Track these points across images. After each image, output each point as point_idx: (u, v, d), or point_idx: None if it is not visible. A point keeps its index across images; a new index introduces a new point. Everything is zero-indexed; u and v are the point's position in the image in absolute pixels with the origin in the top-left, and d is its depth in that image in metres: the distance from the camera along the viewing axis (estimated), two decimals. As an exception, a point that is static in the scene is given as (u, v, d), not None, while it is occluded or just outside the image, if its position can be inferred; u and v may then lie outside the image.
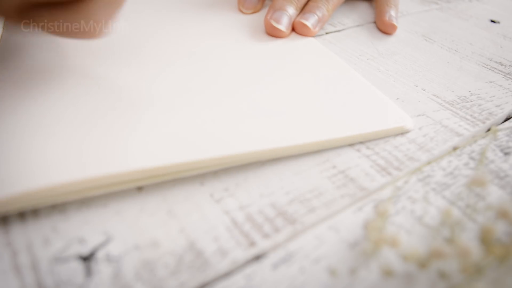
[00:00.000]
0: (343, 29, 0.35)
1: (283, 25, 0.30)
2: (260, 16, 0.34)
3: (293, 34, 0.31)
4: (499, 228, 0.17)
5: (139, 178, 0.17)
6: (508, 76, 0.30)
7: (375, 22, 0.37)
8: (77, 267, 0.14)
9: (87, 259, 0.14)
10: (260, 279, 0.15)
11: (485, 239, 0.15)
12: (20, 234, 0.15)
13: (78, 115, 0.20)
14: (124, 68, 0.24)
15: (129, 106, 0.21)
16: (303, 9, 0.33)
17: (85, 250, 0.15)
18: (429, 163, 0.21)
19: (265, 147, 0.19)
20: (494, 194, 0.19)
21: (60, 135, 0.18)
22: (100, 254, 0.15)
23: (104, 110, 0.20)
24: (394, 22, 0.35)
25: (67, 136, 0.18)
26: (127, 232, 0.16)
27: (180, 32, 0.29)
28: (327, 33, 0.34)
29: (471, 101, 0.26)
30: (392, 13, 0.36)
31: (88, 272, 0.14)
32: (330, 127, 0.21)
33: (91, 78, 0.22)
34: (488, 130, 0.24)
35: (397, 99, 0.26)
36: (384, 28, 0.35)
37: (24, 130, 0.18)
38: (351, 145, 0.21)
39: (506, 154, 0.22)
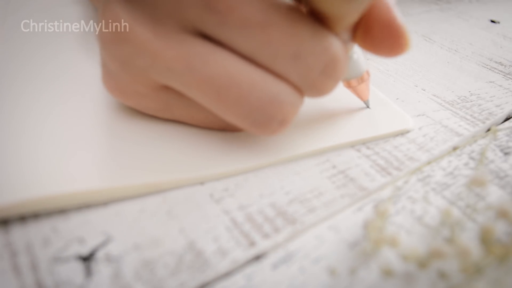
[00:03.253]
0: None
1: None
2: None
3: None
4: (499, 228, 0.17)
5: (140, 192, 0.17)
6: (508, 76, 0.30)
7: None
8: (77, 267, 0.14)
9: (87, 259, 0.14)
10: (260, 279, 0.15)
11: (485, 239, 0.15)
12: (19, 234, 0.15)
13: (87, 122, 0.19)
14: None
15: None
16: None
17: (85, 250, 0.15)
18: (429, 163, 0.21)
19: (271, 159, 0.19)
20: (494, 194, 0.19)
21: (66, 144, 0.18)
22: (100, 254, 0.15)
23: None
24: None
25: (73, 144, 0.18)
26: (127, 232, 0.16)
27: None
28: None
29: (471, 101, 0.26)
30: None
31: (88, 272, 0.14)
32: (334, 133, 0.21)
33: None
34: (488, 130, 0.24)
35: (397, 99, 0.26)
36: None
37: (32, 133, 0.18)
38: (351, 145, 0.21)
39: (506, 154, 0.22)
